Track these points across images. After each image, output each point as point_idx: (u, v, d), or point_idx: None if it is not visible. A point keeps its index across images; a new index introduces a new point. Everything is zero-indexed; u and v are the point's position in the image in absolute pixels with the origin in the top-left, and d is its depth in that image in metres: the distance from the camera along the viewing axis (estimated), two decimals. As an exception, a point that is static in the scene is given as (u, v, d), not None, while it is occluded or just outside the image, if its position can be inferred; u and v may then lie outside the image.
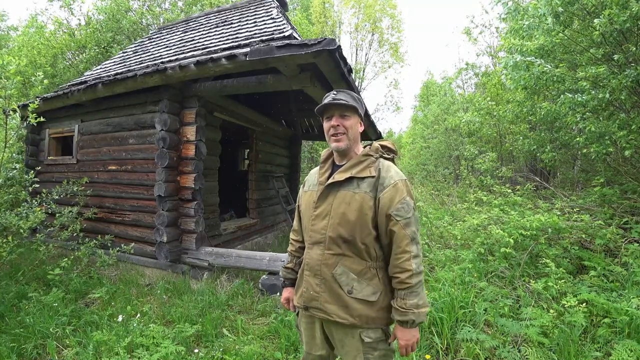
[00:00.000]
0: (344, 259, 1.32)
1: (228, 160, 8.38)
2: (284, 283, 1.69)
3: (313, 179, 1.50)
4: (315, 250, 1.37)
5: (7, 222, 3.55)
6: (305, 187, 1.53)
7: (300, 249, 1.60)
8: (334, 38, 2.88)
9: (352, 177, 1.33)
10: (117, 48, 9.81)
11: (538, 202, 4.85)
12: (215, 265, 3.93)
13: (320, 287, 1.35)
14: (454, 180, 11.80)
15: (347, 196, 1.32)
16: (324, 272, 1.34)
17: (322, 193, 1.38)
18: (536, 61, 4.39)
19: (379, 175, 1.32)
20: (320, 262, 1.35)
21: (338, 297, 1.32)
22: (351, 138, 1.37)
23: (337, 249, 1.32)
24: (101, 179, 4.71)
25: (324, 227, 1.35)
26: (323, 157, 1.49)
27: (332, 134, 1.37)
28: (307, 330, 1.49)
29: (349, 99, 1.35)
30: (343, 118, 1.36)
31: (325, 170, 1.44)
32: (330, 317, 1.32)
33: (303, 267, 1.44)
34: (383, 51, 18.17)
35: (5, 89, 3.67)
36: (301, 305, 1.43)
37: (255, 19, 5.25)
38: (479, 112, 7.71)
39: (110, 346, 2.48)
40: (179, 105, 4.13)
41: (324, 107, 1.37)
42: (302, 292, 1.41)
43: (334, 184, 1.36)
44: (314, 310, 1.38)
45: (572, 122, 4.66)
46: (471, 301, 2.77)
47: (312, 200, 1.42)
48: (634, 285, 2.77)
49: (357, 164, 1.35)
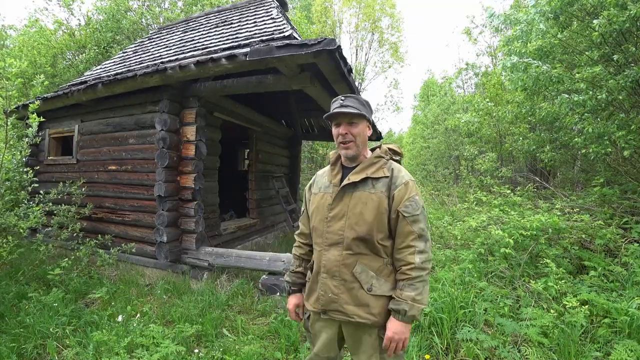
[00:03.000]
0: (362, 258, 1.34)
1: (228, 160, 8.37)
2: (291, 289, 1.64)
3: (324, 181, 1.50)
4: (333, 252, 1.37)
5: (7, 222, 3.55)
6: (314, 189, 1.53)
7: (309, 252, 1.59)
8: (334, 38, 2.88)
9: (367, 178, 1.36)
10: (117, 48, 9.81)
11: (538, 202, 4.85)
12: (215, 265, 3.93)
13: (339, 289, 1.35)
14: (453, 180, 11.80)
15: (364, 196, 1.34)
16: (343, 273, 1.35)
17: (337, 194, 1.39)
18: (533, 63, 4.40)
19: (392, 175, 1.37)
20: (339, 263, 1.35)
21: (358, 297, 1.33)
22: (359, 144, 1.40)
23: (355, 248, 1.34)
24: (101, 179, 4.71)
25: (340, 228, 1.36)
26: (333, 159, 1.49)
27: (340, 141, 1.39)
28: (322, 333, 1.47)
29: (357, 106, 1.37)
30: (351, 125, 1.38)
31: (337, 172, 1.45)
32: (351, 318, 1.33)
33: (317, 270, 1.43)
34: (383, 51, 18.16)
35: (6, 89, 3.67)
36: (318, 309, 1.42)
37: (255, 19, 5.25)
38: (478, 113, 7.71)
39: (110, 346, 2.48)
40: (179, 105, 4.13)
41: (332, 115, 1.38)
42: (319, 296, 1.40)
43: (349, 185, 1.37)
44: (332, 313, 1.38)
45: (571, 122, 4.66)
46: (471, 301, 2.77)
47: (325, 203, 1.42)
48: (634, 285, 2.77)
49: (371, 164, 1.38)
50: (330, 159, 1.51)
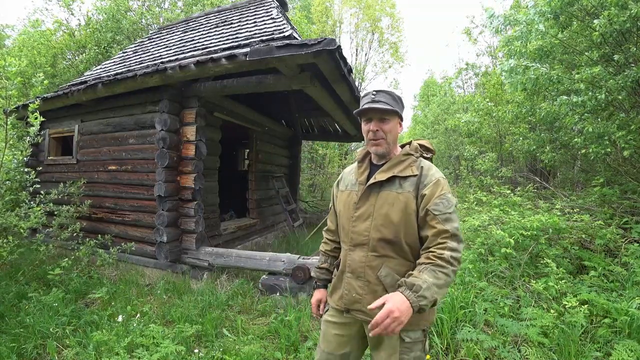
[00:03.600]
0: (388, 261, 1.29)
1: (228, 160, 8.38)
2: (316, 284, 1.64)
3: (351, 178, 1.45)
4: (358, 253, 1.34)
5: (7, 223, 3.55)
6: (341, 187, 1.49)
7: (335, 249, 1.57)
8: (334, 38, 2.88)
9: (394, 177, 1.30)
10: (117, 48, 9.81)
11: (538, 202, 4.85)
12: (215, 265, 3.93)
13: (364, 290, 1.32)
14: (454, 180, 11.81)
15: (390, 197, 1.29)
16: (367, 275, 1.31)
17: (363, 194, 1.34)
18: (532, 65, 4.39)
19: (421, 174, 1.29)
20: (364, 265, 1.32)
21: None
22: (390, 141, 1.34)
23: (381, 250, 1.29)
24: (101, 179, 4.71)
25: (366, 228, 1.31)
26: (360, 156, 1.44)
27: (370, 137, 1.33)
28: (341, 330, 1.44)
29: (389, 101, 1.29)
30: (382, 122, 1.31)
31: (364, 169, 1.40)
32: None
33: (343, 269, 1.40)
34: (383, 51, 18.16)
35: (6, 89, 3.67)
36: (341, 307, 1.40)
37: (255, 19, 5.25)
38: (478, 113, 7.71)
39: (110, 346, 2.48)
40: (179, 105, 4.14)
41: (363, 111, 1.32)
42: (343, 295, 1.38)
43: (375, 184, 1.32)
44: (355, 313, 1.36)
45: (571, 122, 4.66)
46: (471, 301, 2.77)
47: (351, 201, 1.38)
48: (634, 285, 2.77)
49: (399, 163, 1.32)
50: (357, 155, 1.45)
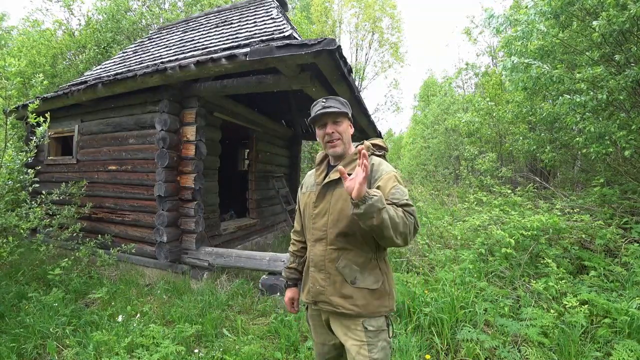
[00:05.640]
0: (345, 253, 1.39)
1: (228, 160, 8.37)
2: (286, 284, 1.74)
3: (310, 180, 1.58)
4: (319, 247, 1.44)
5: (8, 223, 3.55)
6: (303, 189, 1.61)
7: (302, 248, 1.67)
8: (334, 38, 2.87)
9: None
10: (117, 48, 9.81)
11: (538, 202, 4.85)
12: (215, 265, 3.93)
13: (326, 282, 1.41)
14: (453, 180, 11.81)
15: (344, 193, 1.34)
16: (328, 267, 1.41)
17: (320, 192, 1.46)
18: (534, 63, 4.39)
19: (372, 170, 1.37)
20: (324, 258, 1.42)
21: (342, 289, 1.38)
22: (345, 142, 1.46)
23: (338, 243, 1.39)
24: (101, 179, 4.71)
25: (324, 224, 1.42)
26: (318, 160, 1.58)
27: (327, 140, 1.45)
28: (318, 322, 1.56)
29: (339, 106, 1.43)
30: (336, 124, 1.44)
31: (322, 171, 1.53)
32: (337, 309, 1.39)
33: (308, 265, 1.51)
34: (383, 51, 18.18)
35: (6, 89, 3.67)
36: (310, 300, 1.50)
37: (255, 19, 5.25)
38: (478, 113, 7.71)
39: (110, 346, 2.48)
40: (179, 105, 4.13)
41: (317, 116, 1.44)
42: (309, 288, 1.49)
43: (331, 183, 1.43)
44: (321, 304, 1.45)
45: (572, 122, 4.66)
46: (471, 301, 2.77)
47: (311, 201, 1.50)
48: (634, 285, 2.77)
49: (351, 162, 1.43)
50: (316, 159, 1.59)
